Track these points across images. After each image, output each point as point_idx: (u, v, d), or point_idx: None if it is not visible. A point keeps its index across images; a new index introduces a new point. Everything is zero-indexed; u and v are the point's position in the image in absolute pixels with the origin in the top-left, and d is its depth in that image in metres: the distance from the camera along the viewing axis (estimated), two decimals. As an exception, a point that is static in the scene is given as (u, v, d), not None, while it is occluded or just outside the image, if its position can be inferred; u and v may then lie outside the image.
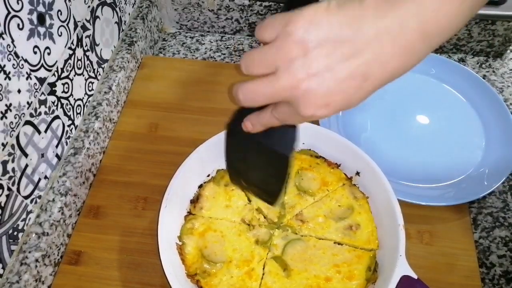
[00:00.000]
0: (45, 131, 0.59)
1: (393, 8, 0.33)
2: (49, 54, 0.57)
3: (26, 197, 0.56)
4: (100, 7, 0.71)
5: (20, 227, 0.56)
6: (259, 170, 0.50)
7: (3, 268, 0.53)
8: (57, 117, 0.61)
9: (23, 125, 0.54)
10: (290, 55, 0.35)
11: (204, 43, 0.91)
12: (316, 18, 0.34)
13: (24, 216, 0.56)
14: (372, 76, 0.34)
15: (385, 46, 0.33)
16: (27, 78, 0.53)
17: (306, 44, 0.34)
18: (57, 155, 0.63)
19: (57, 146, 0.62)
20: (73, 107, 0.65)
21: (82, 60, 0.67)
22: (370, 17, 0.33)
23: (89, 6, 0.67)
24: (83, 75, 0.67)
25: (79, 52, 0.65)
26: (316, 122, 0.69)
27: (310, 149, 0.65)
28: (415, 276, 0.50)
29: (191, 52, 0.90)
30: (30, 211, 0.57)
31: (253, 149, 0.46)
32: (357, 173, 0.62)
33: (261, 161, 0.48)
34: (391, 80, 0.35)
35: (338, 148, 0.63)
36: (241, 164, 0.51)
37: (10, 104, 0.51)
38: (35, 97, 0.55)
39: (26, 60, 0.53)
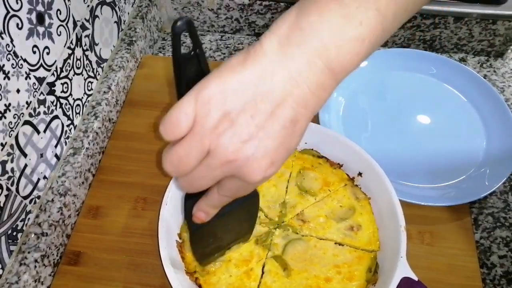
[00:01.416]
0: (44, 131, 0.59)
1: (297, 49, 0.33)
2: (48, 53, 0.57)
3: (25, 197, 0.56)
4: (100, 6, 0.70)
5: (19, 228, 0.55)
6: (230, 230, 0.51)
7: (2, 268, 0.53)
8: (56, 117, 0.61)
9: (22, 125, 0.54)
10: (217, 132, 0.33)
11: (204, 43, 0.91)
12: (227, 85, 0.33)
13: (23, 216, 0.56)
14: (299, 118, 0.34)
15: (301, 87, 0.33)
16: (26, 78, 0.53)
17: (229, 115, 0.33)
18: (56, 155, 0.62)
19: (56, 146, 0.62)
20: (72, 107, 0.65)
21: (81, 59, 0.66)
22: (279, 63, 0.33)
23: (88, 6, 0.67)
24: (82, 75, 0.67)
25: (78, 52, 0.65)
26: (317, 122, 0.69)
27: (312, 149, 0.65)
28: (416, 278, 0.50)
29: (191, 52, 0.89)
30: (29, 211, 0.57)
31: (219, 223, 0.46)
32: (360, 174, 0.62)
33: (231, 222, 0.49)
34: (313, 115, 0.36)
35: (341, 148, 0.63)
36: (211, 242, 0.52)
37: (9, 104, 0.51)
38: (34, 97, 0.55)
39: (25, 60, 0.53)
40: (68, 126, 0.65)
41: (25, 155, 0.55)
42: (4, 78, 0.49)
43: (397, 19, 0.35)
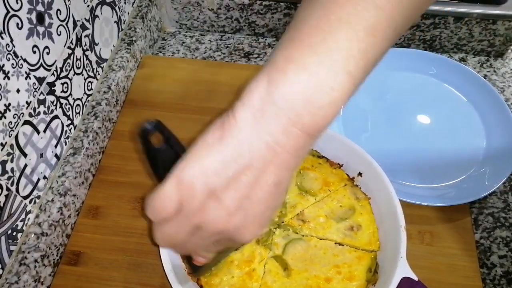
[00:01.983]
0: (44, 131, 0.58)
1: (272, 120, 0.33)
2: (48, 53, 0.57)
3: (25, 197, 0.56)
4: (100, 6, 0.70)
5: (19, 228, 0.55)
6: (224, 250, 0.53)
7: (2, 268, 0.53)
8: (56, 117, 0.61)
9: (22, 125, 0.54)
10: (204, 211, 0.35)
11: (203, 43, 0.91)
12: (207, 165, 0.34)
13: (23, 216, 0.56)
14: (282, 180, 0.35)
15: (280, 154, 0.34)
16: (26, 78, 0.53)
17: (214, 193, 0.34)
18: (56, 155, 0.62)
19: (56, 146, 0.62)
20: (72, 107, 0.65)
21: (81, 59, 0.66)
22: (255, 135, 0.33)
23: (88, 5, 0.67)
24: (82, 75, 0.67)
25: (78, 52, 0.65)
26: (316, 122, 0.69)
27: (312, 149, 0.65)
28: (416, 278, 0.50)
29: (190, 52, 0.89)
30: (29, 211, 0.57)
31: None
32: (360, 174, 0.62)
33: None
34: (294, 172, 0.36)
35: (341, 148, 0.63)
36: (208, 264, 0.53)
37: (9, 104, 0.51)
38: (34, 96, 0.55)
39: (25, 60, 0.52)
40: (68, 126, 0.65)
41: (25, 155, 0.55)
42: (4, 78, 0.49)
43: (368, 71, 0.35)
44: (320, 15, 0.33)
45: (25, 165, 0.55)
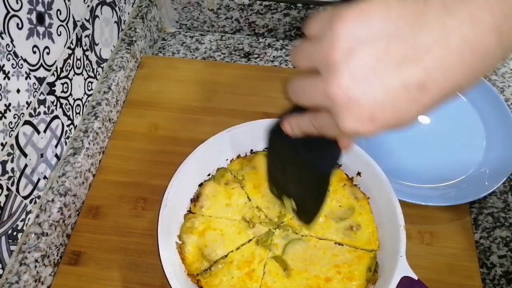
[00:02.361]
0: (44, 131, 0.59)
1: (461, 2, 0.27)
2: (48, 53, 0.57)
3: (25, 197, 0.56)
4: (100, 6, 0.70)
5: (19, 227, 0.55)
6: (297, 184, 0.47)
7: (3, 268, 0.53)
8: (56, 117, 0.61)
9: (22, 125, 0.54)
10: (331, 56, 0.29)
11: (204, 43, 0.91)
12: (368, 12, 0.29)
13: (23, 216, 0.56)
14: (431, 87, 0.28)
15: (451, 50, 0.27)
16: (26, 78, 0.53)
17: (352, 44, 0.29)
18: (56, 155, 0.62)
19: (56, 146, 0.62)
20: (72, 107, 0.65)
21: (82, 59, 0.66)
22: (435, 14, 0.27)
23: (88, 6, 0.67)
24: (83, 75, 0.67)
25: (79, 52, 0.65)
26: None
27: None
28: (416, 277, 0.50)
29: (190, 52, 0.89)
30: (30, 211, 0.57)
31: (291, 161, 0.43)
32: (358, 174, 0.62)
33: (299, 175, 0.45)
34: (454, 93, 0.30)
35: (339, 148, 0.63)
36: (280, 174, 0.48)
37: (9, 104, 0.51)
38: (34, 97, 0.55)
39: (25, 60, 0.53)
40: (68, 126, 0.65)
41: (25, 155, 0.55)
42: (4, 78, 0.49)
43: None
44: None
45: (25, 165, 0.55)
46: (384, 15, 0.28)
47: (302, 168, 0.43)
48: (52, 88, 0.59)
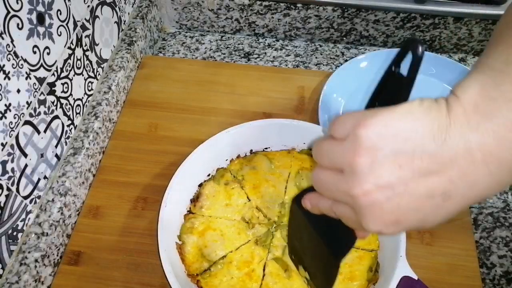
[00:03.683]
0: (45, 131, 0.59)
1: (485, 119, 0.28)
2: (48, 53, 0.57)
3: (25, 197, 0.56)
4: (100, 6, 0.70)
5: (19, 227, 0.55)
6: (310, 257, 0.48)
7: (3, 268, 0.53)
8: (56, 117, 0.61)
9: (23, 125, 0.54)
10: (356, 163, 0.30)
11: (204, 43, 0.91)
12: (393, 122, 0.29)
13: (23, 216, 0.56)
14: (455, 195, 0.29)
15: (476, 163, 0.28)
16: (26, 78, 0.53)
17: (376, 153, 0.29)
18: (56, 155, 0.62)
19: (56, 146, 0.62)
20: (72, 107, 0.65)
21: (82, 59, 0.66)
22: (458, 128, 0.28)
23: (88, 6, 0.67)
24: (83, 75, 0.67)
25: (79, 52, 0.65)
26: (316, 122, 0.69)
27: (311, 149, 0.65)
28: (415, 277, 0.50)
29: (191, 52, 0.90)
30: (30, 211, 0.57)
31: (307, 235, 0.44)
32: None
33: (313, 250, 0.46)
34: (479, 201, 0.32)
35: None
36: (298, 242, 0.49)
37: (10, 104, 0.51)
38: (34, 97, 0.55)
39: (25, 60, 0.53)
40: (68, 126, 0.65)
41: (25, 155, 0.55)
42: (5, 78, 0.49)
43: None
44: None
45: (26, 165, 0.55)
46: (408, 128, 0.29)
47: (316, 245, 0.44)
48: (52, 88, 0.59)
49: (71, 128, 0.66)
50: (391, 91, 0.34)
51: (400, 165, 0.29)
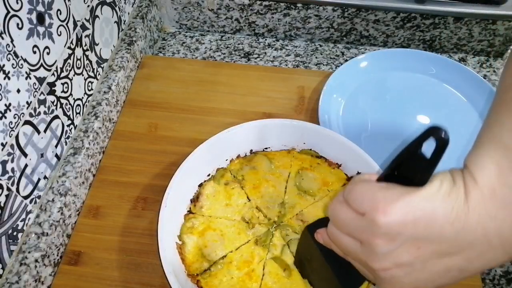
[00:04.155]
0: (45, 131, 0.59)
1: (503, 207, 0.30)
2: (48, 53, 0.57)
3: (25, 197, 0.56)
4: (100, 6, 0.70)
5: (19, 227, 0.55)
6: (319, 278, 0.49)
7: (3, 268, 0.53)
8: (56, 117, 0.61)
9: (23, 125, 0.54)
10: (374, 243, 0.32)
11: (204, 43, 0.91)
12: (413, 210, 0.31)
13: (23, 216, 0.56)
14: (471, 269, 0.32)
15: (493, 246, 0.30)
16: (26, 78, 0.53)
17: (395, 237, 0.31)
18: (56, 155, 0.62)
19: (56, 146, 0.62)
20: (72, 107, 0.65)
21: (82, 59, 0.66)
22: (477, 217, 0.30)
23: (88, 6, 0.67)
24: (83, 75, 0.67)
25: (79, 52, 0.65)
26: (316, 122, 0.69)
27: (311, 149, 0.65)
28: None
29: (191, 52, 0.90)
30: (30, 211, 0.57)
31: (318, 261, 0.45)
32: (358, 174, 0.62)
33: (321, 275, 0.47)
34: (490, 268, 0.34)
35: (339, 148, 0.63)
36: (307, 262, 0.51)
37: (10, 104, 0.51)
38: (34, 97, 0.55)
39: (25, 60, 0.53)
40: (68, 126, 0.65)
41: (25, 155, 0.55)
42: (5, 78, 0.49)
43: None
44: None
45: (26, 165, 0.55)
46: (428, 215, 0.30)
47: (326, 272, 0.44)
48: (52, 88, 0.59)
49: (71, 128, 0.66)
50: (411, 168, 0.35)
51: (419, 247, 0.31)
